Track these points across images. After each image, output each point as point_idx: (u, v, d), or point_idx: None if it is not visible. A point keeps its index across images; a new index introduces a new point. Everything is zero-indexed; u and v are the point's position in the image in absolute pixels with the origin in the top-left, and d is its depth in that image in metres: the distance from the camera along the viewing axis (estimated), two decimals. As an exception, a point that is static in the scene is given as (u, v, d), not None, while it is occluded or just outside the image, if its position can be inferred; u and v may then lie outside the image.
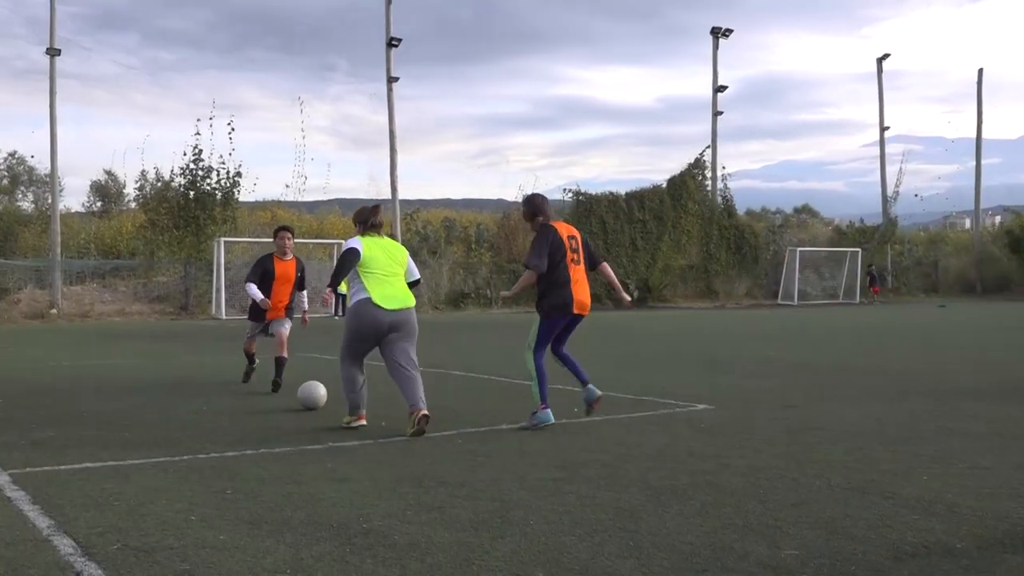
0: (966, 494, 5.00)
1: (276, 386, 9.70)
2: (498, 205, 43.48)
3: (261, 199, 37.92)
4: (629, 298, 8.59)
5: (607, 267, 7.87)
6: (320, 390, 8.51)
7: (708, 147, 40.74)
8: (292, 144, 36.34)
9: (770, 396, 9.18)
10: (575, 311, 7.41)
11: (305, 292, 10.47)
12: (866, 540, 4.17)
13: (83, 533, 4.30)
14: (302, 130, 60.07)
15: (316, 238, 34.60)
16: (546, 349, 7.56)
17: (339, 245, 31.21)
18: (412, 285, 7.62)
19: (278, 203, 38.02)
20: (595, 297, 32.82)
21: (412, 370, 7.19)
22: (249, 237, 31.50)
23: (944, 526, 4.38)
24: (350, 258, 7.19)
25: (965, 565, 3.83)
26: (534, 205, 7.65)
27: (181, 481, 5.42)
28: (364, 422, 7.40)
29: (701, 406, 8.50)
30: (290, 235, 10.06)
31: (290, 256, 10.08)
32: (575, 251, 7.47)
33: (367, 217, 7.53)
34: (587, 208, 37.09)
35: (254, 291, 9.77)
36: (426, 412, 6.95)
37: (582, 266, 7.52)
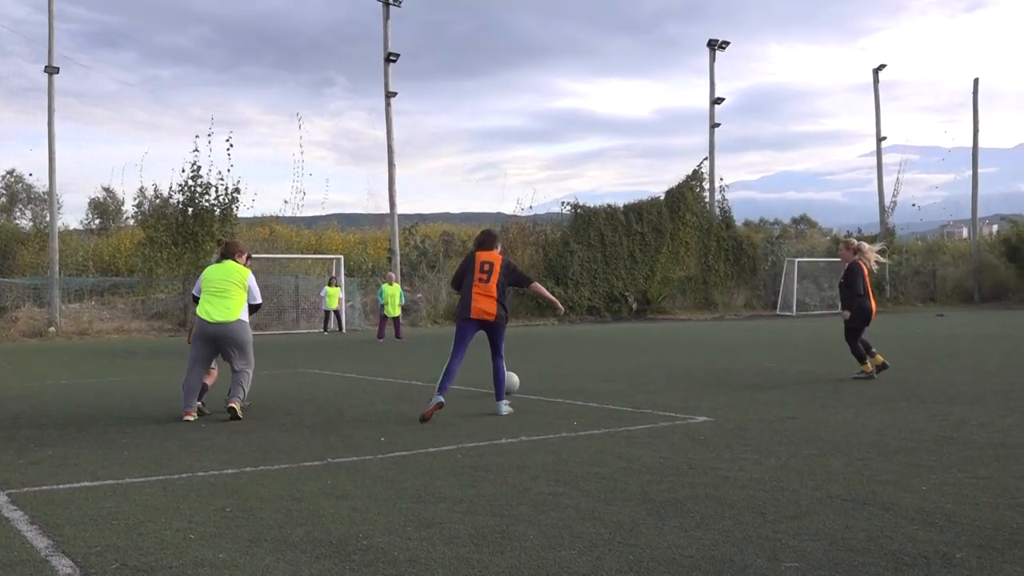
0: (965, 504, 5.00)
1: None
2: (496, 219, 43.51)
3: (260, 215, 37.98)
4: (562, 308, 10.49)
5: (536, 286, 9.57)
6: (515, 378, 10.43)
7: (706, 159, 40.86)
8: (291, 159, 36.51)
9: (769, 408, 9.18)
10: (473, 316, 9.01)
11: None
12: (866, 551, 4.17)
13: (82, 553, 4.29)
14: (300, 146, 60.09)
15: (315, 253, 34.61)
16: (461, 351, 9.10)
17: (337, 260, 31.31)
18: (253, 308, 9.30)
19: (276, 219, 38.04)
20: (595, 310, 32.56)
21: (237, 370, 9.03)
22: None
23: (943, 536, 4.38)
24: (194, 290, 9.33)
25: (964, 575, 3.83)
26: (477, 240, 9.49)
27: (180, 499, 5.42)
28: (191, 417, 8.78)
29: (701, 418, 8.50)
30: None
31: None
32: (485, 272, 9.08)
33: (224, 251, 9.39)
34: (585, 221, 37.13)
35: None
36: (234, 405, 8.72)
37: (491, 284, 9.04)
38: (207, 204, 30.97)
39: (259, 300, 9.37)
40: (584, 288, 36.05)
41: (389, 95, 34.00)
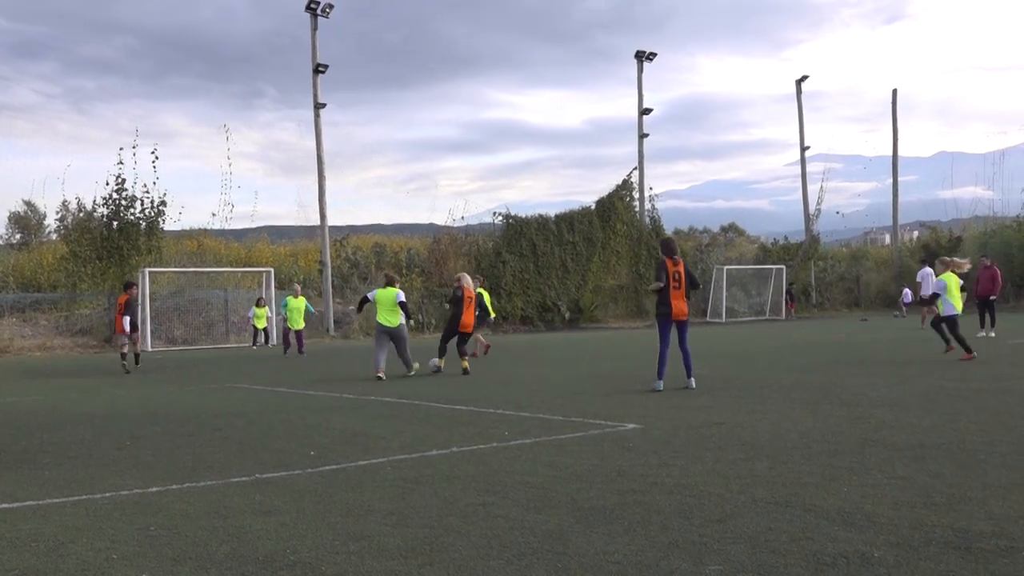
0: (884, 504, 5.14)
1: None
2: (428, 230, 43.32)
3: (188, 228, 37.25)
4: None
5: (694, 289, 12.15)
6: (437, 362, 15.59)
7: (635, 168, 41.24)
8: (219, 172, 35.93)
9: (697, 414, 9.32)
10: (674, 317, 11.72)
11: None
12: (788, 553, 4.26)
13: (-1, 576, 4.19)
14: (228, 158, 59.11)
15: (245, 266, 34.13)
16: (668, 343, 11.75)
17: (267, 273, 30.97)
18: (402, 306, 15.03)
19: (205, 231, 37.38)
20: (527, 320, 32.29)
21: (403, 356, 15.15)
22: (175, 267, 30.96)
23: (863, 536, 4.50)
24: (364, 300, 16.27)
25: (882, 574, 3.94)
26: (662, 248, 12.26)
27: (103, 519, 5.30)
28: (381, 374, 14.52)
29: (630, 425, 8.59)
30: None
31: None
32: (677, 280, 11.79)
33: (387, 281, 15.50)
34: (517, 231, 37.23)
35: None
36: (409, 373, 15.05)
37: (681, 290, 11.80)
38: (132, 217, 30.32)
39: (403, 299, 15.11)
40: (516, 298, 36.14)
41: (318, 106, 33.72)
